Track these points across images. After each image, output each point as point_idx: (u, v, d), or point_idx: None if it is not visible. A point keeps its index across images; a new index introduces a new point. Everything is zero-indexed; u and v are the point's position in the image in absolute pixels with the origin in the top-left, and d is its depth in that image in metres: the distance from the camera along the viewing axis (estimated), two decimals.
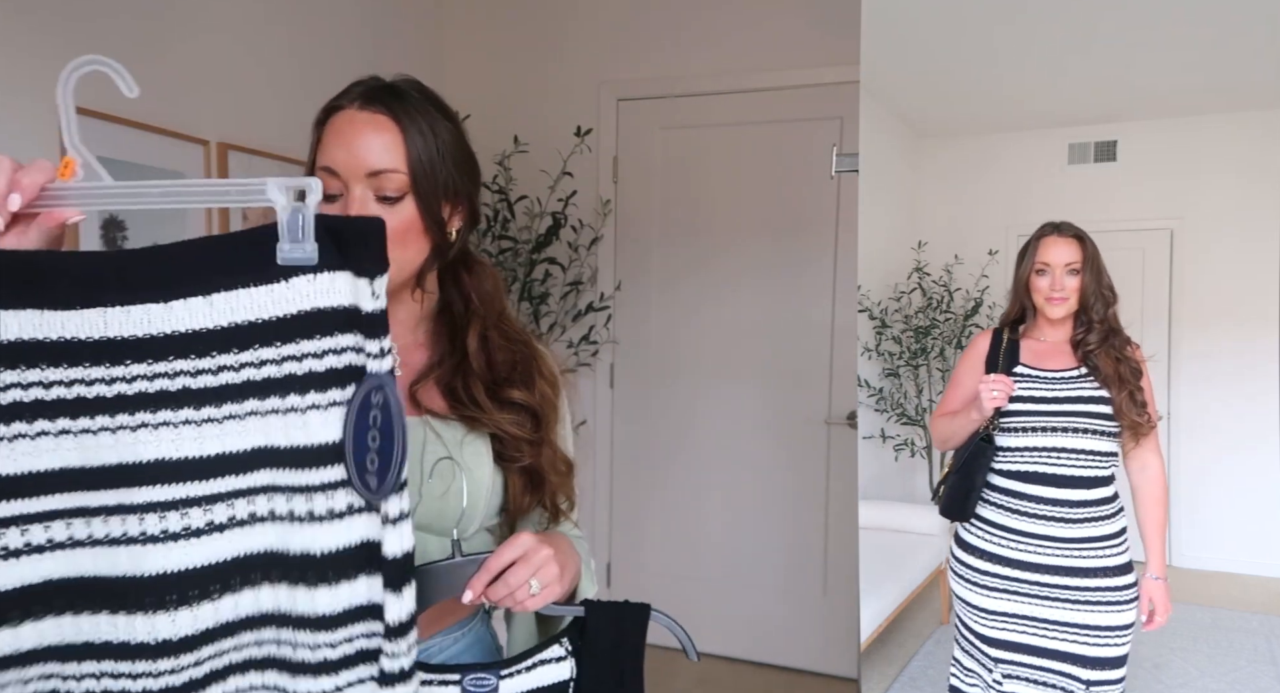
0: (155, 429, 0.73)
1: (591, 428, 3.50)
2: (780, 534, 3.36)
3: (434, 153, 1.01)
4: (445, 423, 1.06)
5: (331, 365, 0.76)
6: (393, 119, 0.99)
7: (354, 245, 0.76)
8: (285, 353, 0.75)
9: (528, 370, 1.11)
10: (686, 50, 3.31)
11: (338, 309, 0.75)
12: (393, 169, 0.98)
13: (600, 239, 3.44)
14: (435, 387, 1.08)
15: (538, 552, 0.96)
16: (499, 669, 0.96)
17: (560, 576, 0.97)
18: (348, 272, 0.76)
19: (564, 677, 0.99)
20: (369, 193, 0.99)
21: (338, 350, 0.76)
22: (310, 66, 2.75)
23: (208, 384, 0.74)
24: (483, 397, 1.06)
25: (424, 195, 1.00)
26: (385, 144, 0.98)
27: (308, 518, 0.77)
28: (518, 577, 0.94)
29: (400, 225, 1.00)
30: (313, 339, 0.75)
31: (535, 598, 0.95)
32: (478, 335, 1.09)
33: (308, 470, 0.76)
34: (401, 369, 1.09)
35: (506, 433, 1.07)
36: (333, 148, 1.00)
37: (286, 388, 0.75)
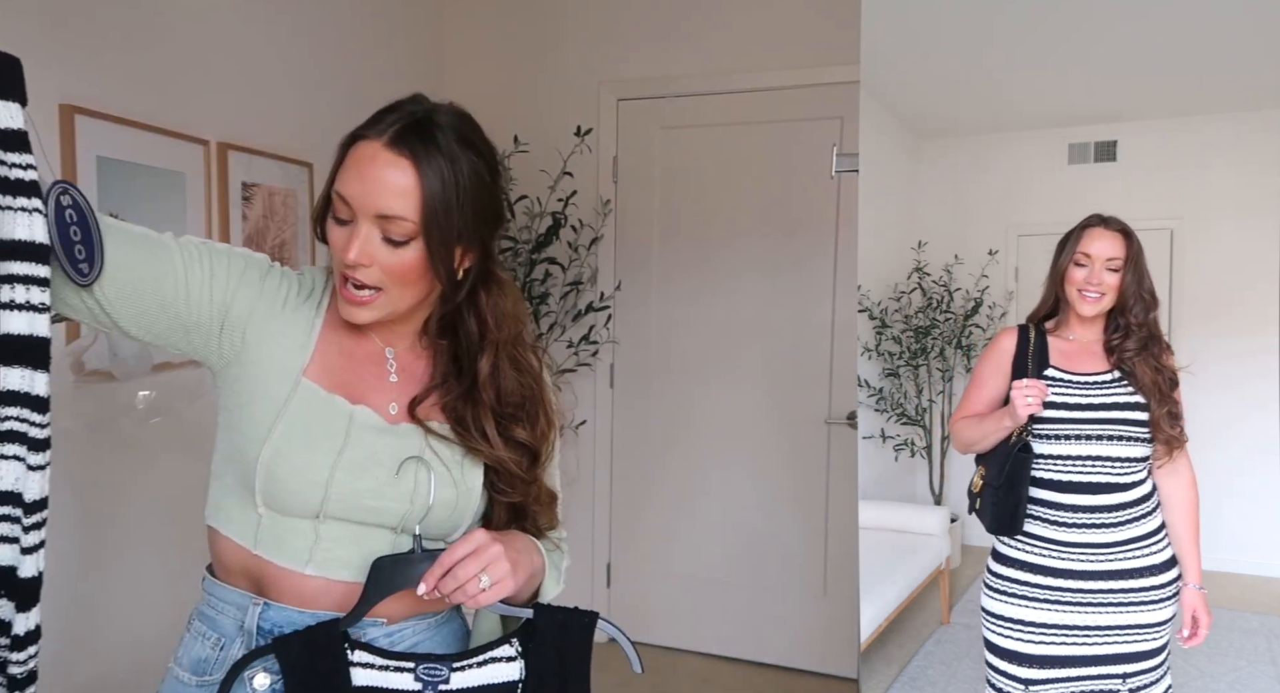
0: None
1: (591, 428, 3.50)
2: (780, 534, 3.36)
3: (451, 200, 0.99)
4: (445, 443, 1.07)
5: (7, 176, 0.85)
6: (413, 163, 0.97)
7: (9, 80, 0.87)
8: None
9: (534, 409, 1.11)
10: (687, 50, 3.31)
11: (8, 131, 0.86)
12: (402, 217, 0.98)
13: (600, 239, 3.44)
14: (439, 406, 1.08)
15: (489, 548, 0.98)
16: (451, 662, 1.00)
17: (512, 572, 0.98)
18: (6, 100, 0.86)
19: (513, 677, 1.02)
20: (375, 231, 0.99)
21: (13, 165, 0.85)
22: (310, 67, 2.75)
23: None
24: (491, 430, 1.07)
25: (433, 243, 0.99)
26: (400, 190, 0.97)
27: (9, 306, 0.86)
28: (466, 571, 0.96)
29: (402, 264, 1.00)
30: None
31: (485, 594, 0.96)
32: (490, 362, 1.08)
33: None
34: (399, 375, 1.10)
35: (505, 470, 1.08)
36: (350, 178, 0.99)
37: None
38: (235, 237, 2.47)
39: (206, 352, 1.03)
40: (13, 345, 0.86)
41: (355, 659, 0.98)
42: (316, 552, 1.03)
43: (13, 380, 0.86)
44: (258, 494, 1.01)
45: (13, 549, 0.88)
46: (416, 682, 0.98)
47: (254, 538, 1.03)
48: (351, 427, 1.04)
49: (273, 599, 1.03)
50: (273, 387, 1.03)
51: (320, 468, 1.01)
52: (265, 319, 1.04)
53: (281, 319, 1.05)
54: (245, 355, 1.03)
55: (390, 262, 0.99)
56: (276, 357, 1.04)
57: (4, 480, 0.87)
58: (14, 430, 0.87)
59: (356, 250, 0.98)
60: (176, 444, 2.23)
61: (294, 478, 1.00)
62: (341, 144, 1.02)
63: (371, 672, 0.98)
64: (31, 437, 0.88)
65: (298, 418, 1.02)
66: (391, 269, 1.00)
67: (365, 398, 1.06)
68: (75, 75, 1.98)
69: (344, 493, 1.02)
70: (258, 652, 0.98)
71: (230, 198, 2.44)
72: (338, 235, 1.01)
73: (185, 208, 2.30)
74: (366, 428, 1.04)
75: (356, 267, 0.99)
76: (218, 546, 1.08)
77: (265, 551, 1.03)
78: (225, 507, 1.06)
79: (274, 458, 1.00)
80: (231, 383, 1.05)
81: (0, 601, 0.88)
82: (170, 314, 0.98)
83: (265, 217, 2.58)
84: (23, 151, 0.86)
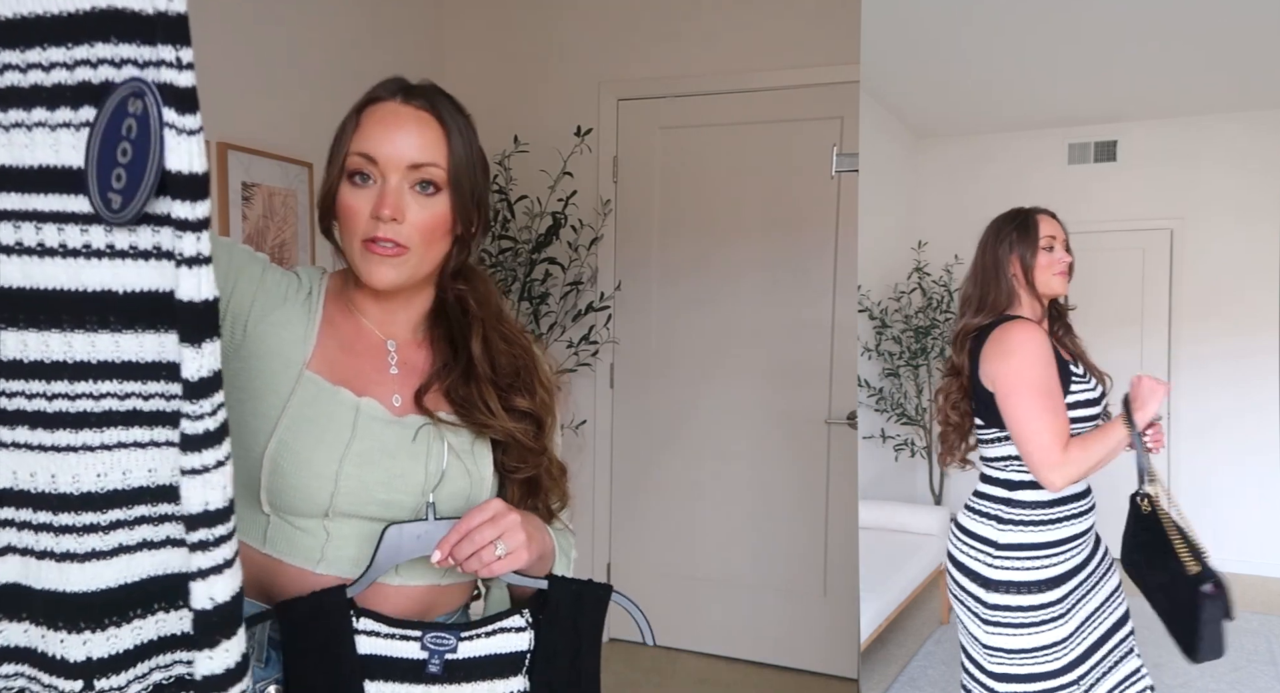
0: None
1: (591, 428, 3.50)
2: (780, 534, 3.36)
3: (470, 154, 1.03)
4: (454, 429, 1.07)
5: (99, 78, 0.63)
6: (436, 116, 1.02)
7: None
8: (78, 57, 0.64)
9: (529, 377, 1.12)
10: (686, 50, 3.31)
11: (139, 13, 0.62)
12: (434, 163, 1.01)
13: (600, 239, 3.44)
14: (441, 393, 1.08)
15: (506, 515, 0.97)
16: (459, 631, 0.98)
17: (527, 543, 0.98)
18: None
19: (522, 647, 1.00)
20: (405, 183, 1.00)
21: (139, 62, 0.63)
22: (310, 67, 2.75)
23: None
24: (495, 403, 1.07)
25: (458, 193, 1.02)
26: (429, 140, 1.01)
27: (109, 252, 0.66)
28: (483, 535, 0.95)
29: (433, 219, 1.02)
30: (110, 44, 0.63)
31: (501, 562, 0.96)
32: (480, 338, 1.09)
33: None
34: (400, 367, 1.09)
35: (515, 441, 1.08)
36: (374, 136, 1.00)
37: (80, 98, 0.64)
38: (235, 236, 2.47)
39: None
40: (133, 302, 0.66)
41: (360, 627, 0.96)
42: (328, 550, 1.01)
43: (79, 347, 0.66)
44: (263, 492, 1.00)
45: (179, 554, 0.70)
46: (423, 651, 0.97)
47: (263, 537, 1.02)
48: (359, 418, 1.02)
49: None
50: (276, 380, 1.02)
51: (328, 461, 0.99)
52: (265, 312, 1.04)
53: (282, 312, 1.05)
54: (246, 348, 1.02)
55: (420, 217, 1.01)
56: (278, 349, 1.03)
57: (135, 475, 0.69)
58: (161, 410, 0.69)
59: (391, 204, 0.99)
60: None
61: (300, 472, 0.99)
62: (354, 110, 1.03)
63: (377, 640, 0.96)
64: (183, 429, 0.67)
65: (303, 411, 1.01)
66: (422, 224, 1.01)
67: (369, 390, 1.05)
68: None
69: (353, 486, 1.00)
70: (263, 615, 0.96)
71: (230, 198, 2.45)
72: (359, 198, 1.01)
73: None
74: (374, 420, 1.03)
75: (388, 223, 0.99)
76: None
77: (275, 549, 1.01)
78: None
79: (279, 452, 0.99)
80: (233, 378, 1.03)
81: (180, 612, 0.72)
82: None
83: (265, 216, 2.58)
84: (182, 45, 0.61)
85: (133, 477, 0.69)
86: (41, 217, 0.66)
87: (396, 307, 1.10)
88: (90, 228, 0.66)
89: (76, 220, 0.66)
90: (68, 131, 0.65)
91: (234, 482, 1.00)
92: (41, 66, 0.64)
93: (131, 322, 0.67)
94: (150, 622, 0.71)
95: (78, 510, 0.69)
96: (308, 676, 0.94)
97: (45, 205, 0.66)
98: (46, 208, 0.66)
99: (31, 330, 0.67)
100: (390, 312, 1.10)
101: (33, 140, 0.65)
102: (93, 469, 0.68)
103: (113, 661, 0.70)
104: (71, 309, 0.67)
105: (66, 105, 0.65)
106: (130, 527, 0.70)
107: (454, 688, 0.97)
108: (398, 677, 0.96)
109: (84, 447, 0.68)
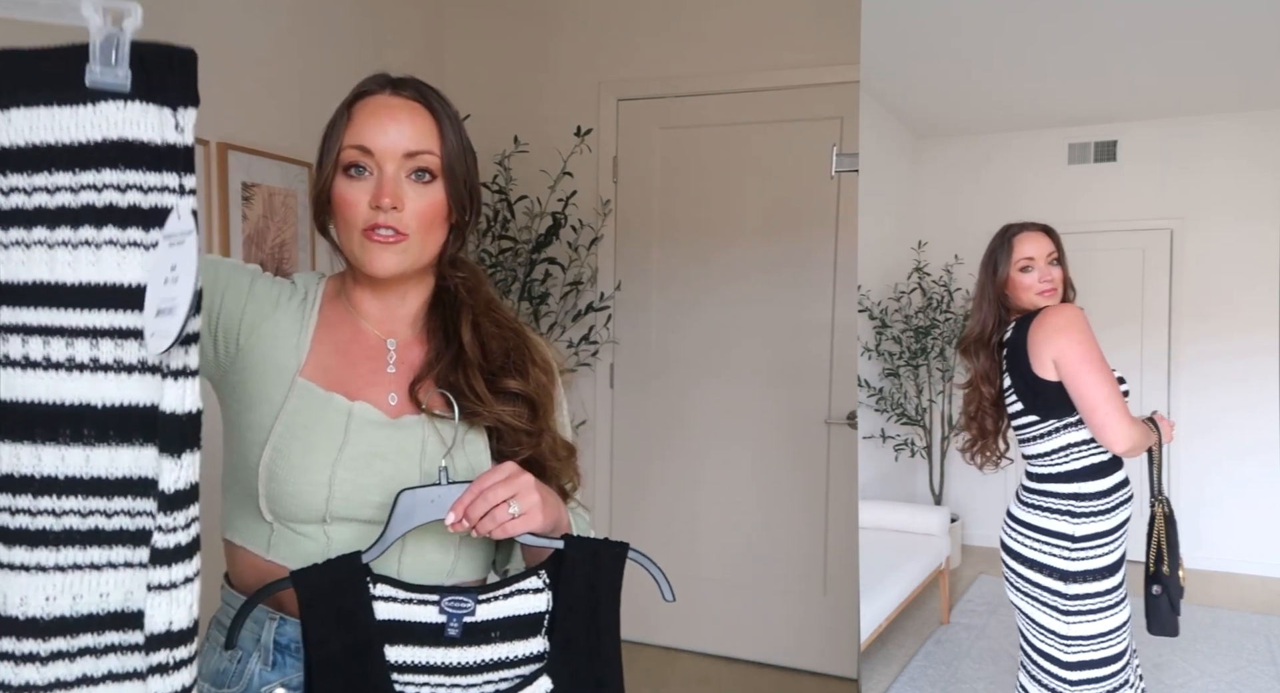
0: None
1: (591, 428, 3.49)
2: (780, 534, 3.36)
3: (461, 143, 1.05)
4: (446, 422, 1.07)
5: (135, 203, 0.67)
6: (426, 106, 1.03)
7: (162, 74, 0.70)
8: (84, 182, 0.67)
9: (521, 358, 1.11)
10: (686, 50, 3.31)
11: (147, 144, 0.68)
12: (429, 151, 1.02)
13: (600, 239, 3.43)
14: (434, 384, 1.08)
15: (519, 476, 0.97)
16: (477, 594, 0.98)
17: (541, 505, 0.98)
18: (158, 104, 0.68)
19: (540, 608, 1.00)
20: (401, 172, 1.01)
21: (143, 188, 0.67)
22: (310, 67, 2.75)
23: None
24: (482, 388, 1.06)
25: (452, 181, 1.04)
26: (422, 128, 1.02)
27: (91, 366, 0.68)
28: (497, 494, 0.95)
29: (431, 206, 1.03)
30: (117, 170, 0.67)
31: (516, 522, 0.96)
32: (469, 324, 1.09)
33: (95, 312, 0.68)
34: (398, 366, 1.09)
35: (506, 425, 1.07)
36: (368, 127, 1.01)
37: (81, 219, 0.67)
38: (235, 236, 2.47)
39: (203, 362, 1.03)
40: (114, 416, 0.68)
41: (377, 593, 0.96)
42: (330, 555, 1.01)
43: (100, 462, 0.67)
44: (262, 500, 1.01)
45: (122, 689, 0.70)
46: (441, 614, 0.96)
47: (267, 544, 1.03)
48: (350, 423, 1.03)
49: (290, 613, 1.02)
50: (270, 389, 1.03)
51: (321, 467, 1.00)
52: (256, 323, 1.05)
53: (273, 321, 1.06)
54: (240, 361, 1.04)
55: (419, 204, 1.02)
56: (271, 359, 1.04)
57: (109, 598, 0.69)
58: (124, 529, 0.68)
59: (390, 193, 1.00)
60: None
61: (295, 478, 1.00)
62: (344, 105, 1.04)
63: (394, 605, 0.96)
64: (154, 543, 0.68)
65: (296, 418, 1.01)
66: (420, 211, 1.02)
67: (363, 393, 1.06)
68: None
69: (347, 491, 1.01)
70: (276, 584, 0.96)
71: (230, 198, 2.44)
72: (356, 190, 1.01)
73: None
74: (366, 424, 1.04)
75: (388, 211, 1.00)
76: (233, 559, 1.08)
77: (279, 557, 1.02)
78: (236, 518, 1.06)
79: (274, 460, 1.00)
80: (230, 391, 1.05)
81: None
82: None
83: (265, 217, 2.58)
84: (187, 173, 0.69)
85: (82, 602, 0.68)
86: (29, 330, 0.68)
87: (395, 301, 1.10)
88: (76, 341, 0.68)
89: (64, 334, 0.68)
90: (65, 250, 0.68)
91: (239, 494, 0.98)
92: (47, 190, 0.68)
93: (106, 435, 0.68)
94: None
95: (19, 637, 0.67)
96: (328, 642, 0.94)
97: (35, 319, 0.69)
98: (36, 322, 0.68)
99: (5, 442, 0.68)
100: (390, 308, 1.10)
101: (29, 258, 0.68)
102: (42, 592, 0.67)
103: None
104: (47, 422, 0.68)
105: (67, 225, 0.68)
106: (71, 659, 0.68)
107: (474, 650, 0.97)
108: (417, 641, 0.96)
109: (37, 567, 0.67)
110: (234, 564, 1.08)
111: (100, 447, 0.68)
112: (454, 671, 0.96)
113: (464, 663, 0.96)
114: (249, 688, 1.03)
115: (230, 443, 1.05)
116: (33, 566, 0.67)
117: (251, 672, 1.03)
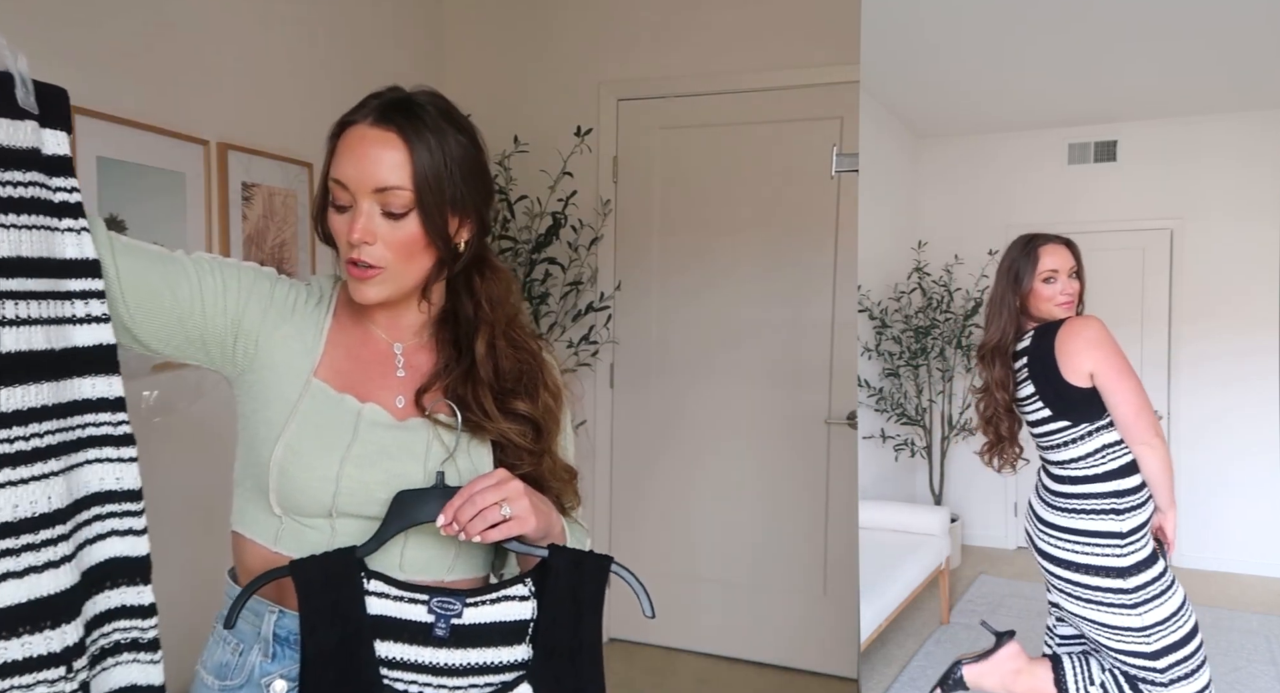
0: None
1: (591, 428, 3.50)
2: (780, 534, 3.36)
3: (440, 169, 1.03)
4: (452, 432, 1.10)
5: (15, 195, 0.84)
6: (401, 137, 1.02)
7: (44, 102, 0.88)
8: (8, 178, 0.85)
9: (533, 382, 1.14)
10: (687, 50, 3.31)
11: (22, 149, 0.85)
12: (397, 187, 1.01)
13: (600, 239, 3.44)
14: (442, 393, 1.11)
15: (510, 482, 1.01)
16: (465, 597, 1.01)
17: (532, 510, 1.01)
18: (34, 121, 0.87)
19: (525, 616, 1.02)
20: (375, 207, 1.02)
21: (23, 183, 0.85)
22: (310, 67, 2.75)
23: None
24: (490, 405, 1.09)
25: (428, 211, 1.03)
26: (392, 162, 1.01)
27: (71, 320, 0.89)
28: (486, 498, 0.98)
29: (404, 239, 1.03)
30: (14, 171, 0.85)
31: (505, 525, 0.99)
32: (486, 342, 1.11)
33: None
34: (406, 370, 1.12)
35: (509, 442, 1.10)
36: (344, 162, 1.03)
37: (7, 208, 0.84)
38: (235, 237, 2.47)
39: (224, 362, 1.07)
40: (83, 356, 0.90)
41: (370, 588, 1.00)
42: (334, 547, 1.05)
43: (86, 389, 0.91)
44: (272, 494, 1.04)
45: (137, 540, 0.96)
46: (430, 614, 1.00)
47: (274, 537, 1.07)
48: (360, 423, 1.07)
49: (289, 606, 1.05)
50: (285, 388, 1.06)
51: (329, 463, 1.04)
52: (276, 325, 1.08)
53: (291, 324, 1.09)
54: (258, 361, 1.07)
55: (393, 237, 1.03)
56: (288, 360, 1.07)
57: (104, 481, 0.93)
58: (97, 435, 0.93)
59: (360, 229, 1.01)
60: (180, 443, 2.23)
61: (305, 474, 1.03)
62: (330, 136, 1.06)
63: (386, 601, 0.99)
64: (116, 435, 0.94)
65: (309, 417, 1.05)
66: (395, 244, 1.03)
67: (373, 396, 1.09)
68: (75, 76, 1.98)
69: (354, 487, 1.04)
70: (276, 571, 1.00)
71: (230, 198, 2.44)
72: (340, 222, 1.05)
73: (185, 208, 2.30)
74: (375, 424, 1.07)
75: (361, 246, 1.02)
76: (240, 550, 1.11)
77: (285, 548, 1.06)
78: (247, 511, 1.10)
79: (286, 456, 1.03)
80: (247, 389, 1.09)
81: (140, 587, 0.96)
82: (188, 327, 1.02)
83: (265, 217, 2.58)
84: (68, 175, 0.91)
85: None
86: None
87: (399, 312, 1.13)
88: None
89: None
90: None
91: (250, 487, 1.08)
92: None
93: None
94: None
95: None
96: (321, 632, 0.97)
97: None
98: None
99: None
100: (394, 317, 1.14)
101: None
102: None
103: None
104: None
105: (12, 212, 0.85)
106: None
107: (460, 653, 1.00)
108: (406, 638, 0.99)
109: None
110: (240, 555, 1.11)
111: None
112: (440, 671, 0.99)
113: (450, 664, 0.99)
114: (250, 679, 1.07)
115: (244, 439, 1.09)
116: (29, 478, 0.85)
117: (252, 664, 1.07)
